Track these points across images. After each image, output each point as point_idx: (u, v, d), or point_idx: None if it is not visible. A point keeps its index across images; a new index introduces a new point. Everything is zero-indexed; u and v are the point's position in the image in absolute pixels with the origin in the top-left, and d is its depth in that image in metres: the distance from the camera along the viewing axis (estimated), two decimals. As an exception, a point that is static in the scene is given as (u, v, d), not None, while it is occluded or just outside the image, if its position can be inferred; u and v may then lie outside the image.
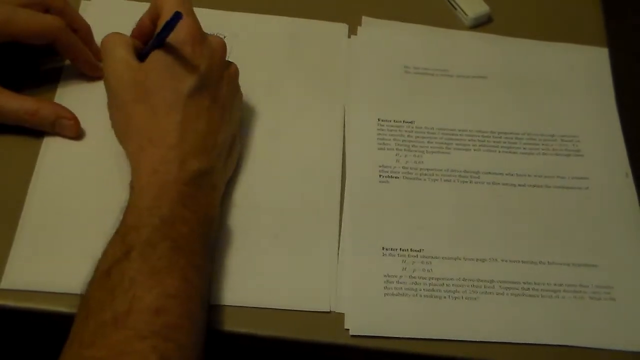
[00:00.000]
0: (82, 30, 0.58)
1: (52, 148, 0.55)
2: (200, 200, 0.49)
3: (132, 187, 0.49)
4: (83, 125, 0.56)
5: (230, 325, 0.49)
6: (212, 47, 0.53)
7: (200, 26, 0.52)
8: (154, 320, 0.42)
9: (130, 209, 0.47)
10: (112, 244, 0.46)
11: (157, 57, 0.51)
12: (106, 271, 0.44)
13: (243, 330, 0.49)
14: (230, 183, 0.55)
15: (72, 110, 0.56)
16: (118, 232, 0.46)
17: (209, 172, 0.50)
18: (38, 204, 0.52)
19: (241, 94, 0.57)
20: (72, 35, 0.56)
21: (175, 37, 0.50)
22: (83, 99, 0.57)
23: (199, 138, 0.50)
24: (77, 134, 0.56)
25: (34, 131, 0.55)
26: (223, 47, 0.54)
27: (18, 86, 0.56)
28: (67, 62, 0.59)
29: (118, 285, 0.43)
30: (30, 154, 0.55)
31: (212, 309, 0.49)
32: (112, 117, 0.54)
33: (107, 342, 0.41)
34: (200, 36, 0.52)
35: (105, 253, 0.45)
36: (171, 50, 0.50)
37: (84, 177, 0.54)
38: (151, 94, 0.50)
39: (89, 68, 0.58)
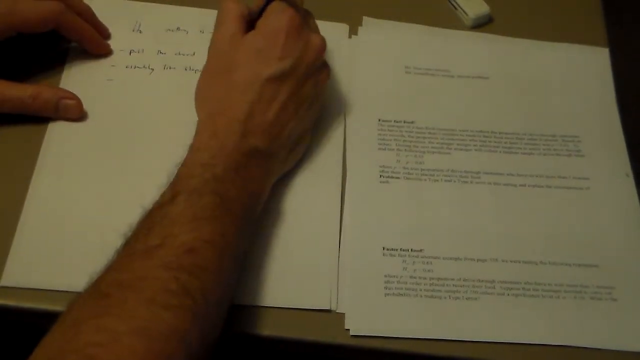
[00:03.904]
0: (83, 13, 0.58)
1: (54, 144, 0.55)
2: (253, 175, 0.50)
3: (191, 147, 0.50)
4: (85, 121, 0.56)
5: (230, 324, 0.49)
6: (308, 43, 0.54)
7: (302, 20, 0.54)
8: (184, 257, 0.43)
9: (184, 164, 0.49)
10: (162, 192, 0.47)
11: (252, 38, 0.53)
12: (150, 211, 0.46)
13: (243, 329, 0.49)
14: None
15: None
16: (169, 182, 0.48)
17: (267, 156, 0.52)
18: (39, 201, 0.52)
19: (324, 99, 0.58)
20: (74, 16, 0.57)
21: (274, 23, 0.53)
22: (85, 97, 0.57)
23: (266, 122, 0.52)
24: (81, 114, 0.56)
25: (35, 127, 0.55)
26: (319, 47, 0.55)
27: (20, 80, 0.56)
28: (68, 61, 0.59)
29: (157, 224, 0.44)
30: (31, 150, 0.55)
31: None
32: (199, 82, 0.55)
33: (132, 266, 0.42)
34: (297, 28, 0.53)
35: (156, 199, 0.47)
36: (266, 34, 0.53)
37: (86, 174, 0.54)
38: (235, 70, 0.52)
39: (95, 46, 0.59)
